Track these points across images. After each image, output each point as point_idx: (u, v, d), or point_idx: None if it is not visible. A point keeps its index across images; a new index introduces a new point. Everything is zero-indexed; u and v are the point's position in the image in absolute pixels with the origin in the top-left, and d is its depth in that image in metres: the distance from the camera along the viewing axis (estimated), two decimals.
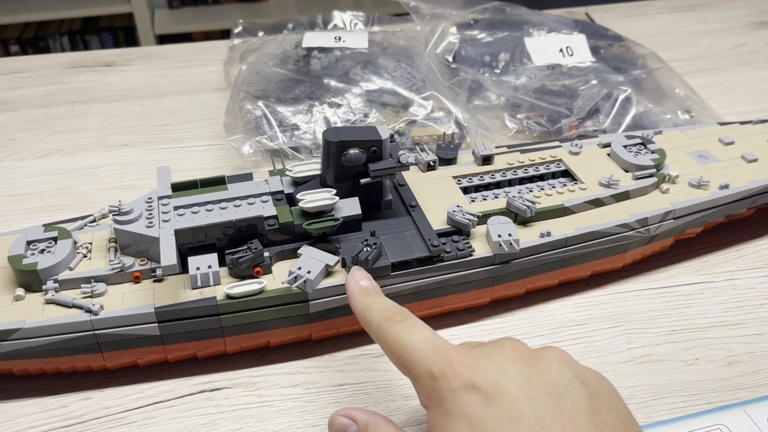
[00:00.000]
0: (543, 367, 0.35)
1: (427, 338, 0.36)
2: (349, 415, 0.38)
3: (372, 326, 0.39)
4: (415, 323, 0.38)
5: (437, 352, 0.35)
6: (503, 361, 0.35)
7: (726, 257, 0.60)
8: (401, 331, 0.37)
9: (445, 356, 0.35)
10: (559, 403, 0.33)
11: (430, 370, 0.35)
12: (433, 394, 0.35)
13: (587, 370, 0.36)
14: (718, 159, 0.61)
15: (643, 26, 1.05)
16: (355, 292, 0.42)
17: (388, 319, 0.39)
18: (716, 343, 0.51)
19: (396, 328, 0.38)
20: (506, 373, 0.34)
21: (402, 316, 0.39)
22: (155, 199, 0.50)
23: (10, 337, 0.44)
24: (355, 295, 0.42)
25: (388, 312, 0.39)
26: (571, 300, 0.55)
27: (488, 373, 0.34)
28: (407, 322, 0.38)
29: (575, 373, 0.35)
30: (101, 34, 2.31)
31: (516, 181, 0.59)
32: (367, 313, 0.40)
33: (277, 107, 0.73)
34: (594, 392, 0.35)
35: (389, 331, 0.38)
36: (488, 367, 0.34)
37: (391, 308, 0.40)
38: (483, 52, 0.84)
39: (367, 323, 0.40)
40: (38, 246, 0.49)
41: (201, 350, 0.48)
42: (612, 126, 0.74)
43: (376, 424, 0.37)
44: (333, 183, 0.50)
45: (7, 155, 0.74)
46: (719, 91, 0.87)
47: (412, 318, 0.39)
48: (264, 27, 0.92)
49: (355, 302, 0.42)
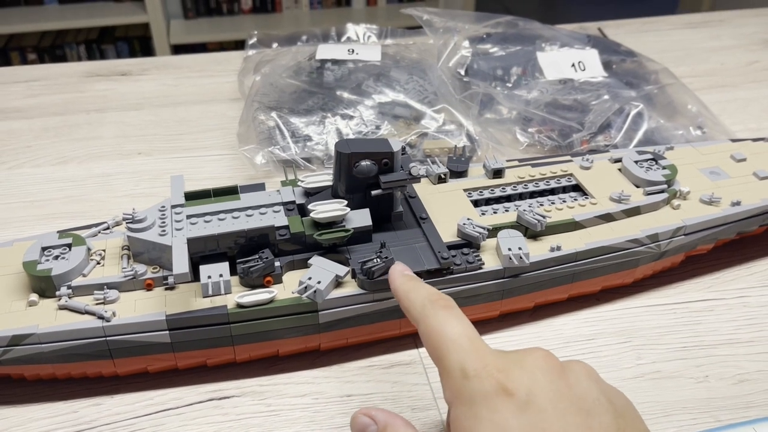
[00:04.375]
0: (573, 381, 0.34)
1: (467, 333, 0.36)
2: (370, 414, 0.38)
3: (415, 307, 0.39)
4: (458, 314, 0.37)
5: (474, 350, 0.35)
6: (535, 370, 0.34)
7: (737, 274, 0.59)
8: (443, 318, 0.37)
9: (481, 356, 0.34)
10: (587, 419, 0.33)
11: (463, 366, 0.34)
12: (462, 392, 0.34)
13: (612, 388, 0.36)
14: (730, 176, 0.61)
15: (656, 42, 1.05)
16: (399, 277, 0.42)
17: (433, 303, 0.38)
18: (727, 360, 0.51)
19: (439, 314, 0.37)
20: (538, 382, 0.33)
21: (447, 303, 0.38)
22: (168, 208, 0.51)
23: (23, 342, 0.45)
24: (398, 279, 0.42)
25: (434, 296, 0.39)
26: (581, 315, 0.55)
27: (521, 381, 0.33)
28: (451, 312, 0.37)
29: (602, 389, 0.35)
30: (117, 44, 2.34)
31: (527, 195, 0.59)
32: (411, 294, 0.40)
33: (290, 118, 0.74)
34: (619, 411, 0.34)
35: (431, 314, 0.37)
36: (521, 374, 0.34)
37: (436, 293, 0.39)
38: (495, 65, 0.84)
39: (410, 305, 0.39)
40: (53, 252, 0.49)
41: (211, 358, 0.49)
42: (623, 141, 0.74)
43: (395, 426, 0.37)
44: (344, 194, 0.51)
45: (24, 162, 0.75)
46: (731, 107, 0.87)
47: (456, 309, 0.38)
48: (278, 38, 0.93)
49: (398, 285, 0.41)
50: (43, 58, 2.29)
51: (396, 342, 0.52)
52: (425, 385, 0.49)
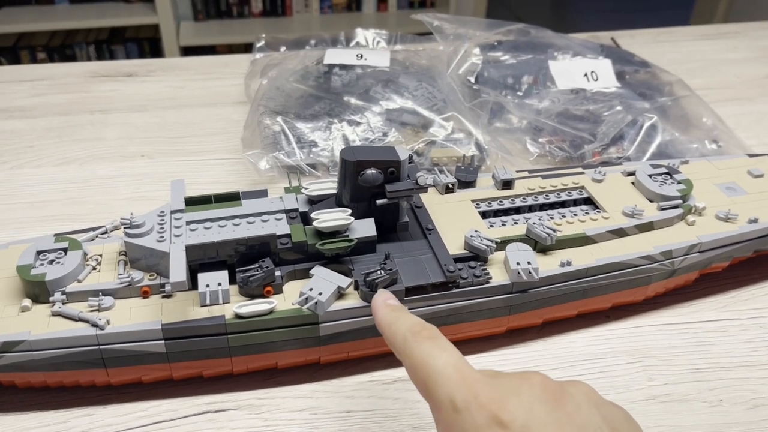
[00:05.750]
0: (572, 409, 0.33)
1: (454, 363, 0.34)
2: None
3: (397, 341, 0.37)
4: (443, 344, 0.36)
5: (463, 381, 0.33)
6: (532, 399, 0.32)
7: (753, 294, 0.58)
8: (427, 350, 0.35)
9: (471, 386, 0.33)
10: None
11: (453, 399, 0.33)
12: (454, 426, 0.32)
13: (615, 410, 0.34)
14: (747, 192, 0.59)
15: (670, 53, 1.04)
16: (382, 307, 0.40)
17: (415, 334, 0.36)
18: (741, 384, 0.49)
19: (423, 346, 0.35)
20: (534, 414, 0.32)
21: (430, 333, 0.36)
22: (168, 213, 0.50)
23: (15, 349, 0.43)
24: (381, 310, 0.40)
25: (416, 327, 0.37)
26: (590, 332, 0.54)
27: (516, 412, 0.32)
28: (435, 341, 0.36)
29: (603, 415, 0.33)
30: (127, 44, 2.34)
31: (536, 207, 0.58)
32: (393, 327, 0.38)
33: (296, 123, 0.73)
34: None
35: (414, 347, 0.36)
36: (516, 404, 0.32)
37: (419, 323, 0.37)
38: (506, 74, 0.83)
39: (392, 337, 0.38)
40: (48, 256, 0.48)
41: (207, 369, 0.47)
42: (636, 154, 0.72)
43: None
44: (349, 203, 0.49)
45: (25, 162, 0.74)
46: (747, 121, 0.85)
47: (441, 338, 0.36)
48: (286, 42, 0.92)
49: (381, 316, 0.40)
50: (53, 58, 2.30)
51: None
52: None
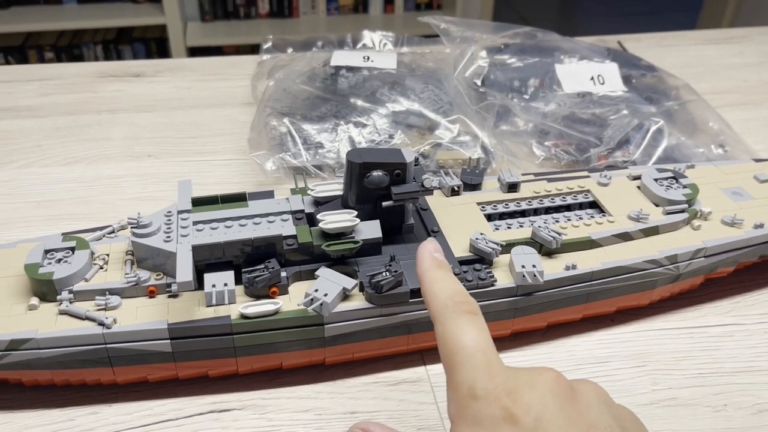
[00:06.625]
0: (583, 406, 0.33)
1: (484, 347, 0.33)
2: (368, 430, 0.36)
3: (436, 303, 0.36)
4: (480, 324, 0.35)
5: (487, 368, 0.33)
6: (546, 392, 0.32)
7: (758, 299, 0.57)
8: (463, 325, 0.34)
9: (493, 375, 0.32)
10: None
11: (473, 386, 0.32)
12: (467, 411, 0.32)
13: (624, 411, 0.35)
14: (753, 197, 0.59)
15: (677, 57, 1.04)
16: (428, 260, 0.38)
17: (456, 305, 0.35)
18: (746, 389, 0.49)
19: (460, 319, 0.34)
20: (547, 407, 0.32)
21: (470, 308, 0.35)
22: (175, 213, 0.50)
23: (22, 347, 0.43)
24: (426, 263, 0.38)
25: (459, 296, 0.36)
26: (595, 336, 0.54)
27: (530, 406, 0.32)
28: (473, 319, 0.35)
29: (613, 415, 0.33)
30: (134, 45, 2.35)
31: (542, 211, 0.58)
32: (435, 286, 0.36)
33: (303, 125, 0.73)
34: None
35: (452, 318, 0.34)
36: (531, 398, 0.32)
37: (462, 293, 0.36)
38: (512, 77, 0.83)
39: (431, 297, 0.36)
40: (55, 255, 0.48)
41: (212, 369, 0.47)
42: (642, 158, 0.72)
43: None
44: (354, 204, 0.50)
45: (33, 161, 0.74)
46: (754, 126, 0.85)
47: (479, 316, 0.35)
48: (293, 44, 0.92)
49: (425, 269, 0.38)
50: (61, 57, 2.30)
51: (403, 358, 0.51)
52: (432, 405, 0.47)
